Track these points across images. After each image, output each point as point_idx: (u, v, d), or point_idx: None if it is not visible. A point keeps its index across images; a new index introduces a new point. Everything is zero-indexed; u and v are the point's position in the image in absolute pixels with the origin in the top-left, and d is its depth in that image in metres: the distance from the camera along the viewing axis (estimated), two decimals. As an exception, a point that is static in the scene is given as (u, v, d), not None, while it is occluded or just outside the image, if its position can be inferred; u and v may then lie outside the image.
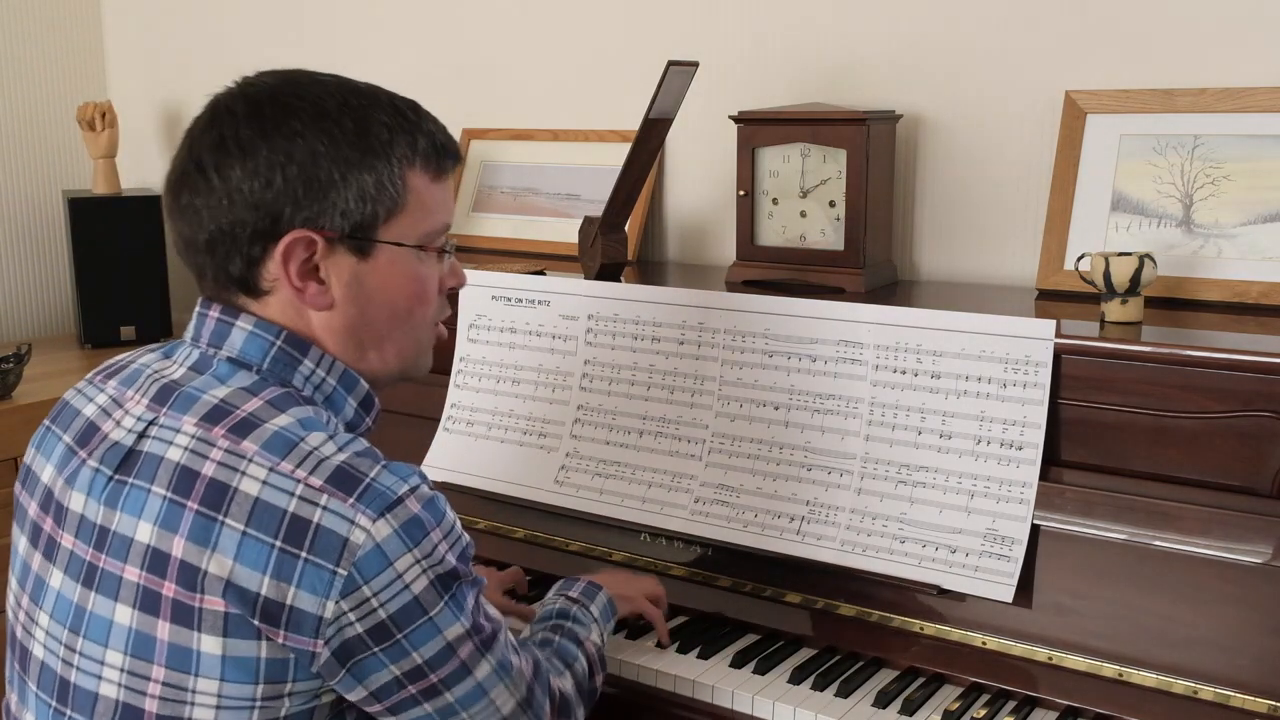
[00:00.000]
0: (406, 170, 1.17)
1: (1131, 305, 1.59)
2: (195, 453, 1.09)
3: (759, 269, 1.95)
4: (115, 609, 1.09)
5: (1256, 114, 1.69)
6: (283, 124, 1.13)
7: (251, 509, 1.05)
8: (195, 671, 1.06)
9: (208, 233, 1.14)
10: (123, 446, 1.13)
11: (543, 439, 1.87)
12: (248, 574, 1.04)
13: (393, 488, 1.07)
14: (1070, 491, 1.49)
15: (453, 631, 1.11)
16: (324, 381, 1.19)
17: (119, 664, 1.09)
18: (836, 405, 1.65)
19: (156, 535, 1.07)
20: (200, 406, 1.12)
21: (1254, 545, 1.37)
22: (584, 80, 2.39)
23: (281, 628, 1.04)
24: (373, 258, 1.17)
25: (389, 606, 1.06)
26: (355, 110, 1.16)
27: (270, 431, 1.09)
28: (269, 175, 1.12)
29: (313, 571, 1.04)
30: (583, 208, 2.29)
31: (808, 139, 1.89)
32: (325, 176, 1.12)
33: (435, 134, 1.21)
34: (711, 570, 1.68)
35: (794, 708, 1.44)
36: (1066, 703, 1.42)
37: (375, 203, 1.15)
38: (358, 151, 1.14)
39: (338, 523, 1.05)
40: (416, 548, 1.07)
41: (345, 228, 1.14)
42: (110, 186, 2.93)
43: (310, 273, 1.15)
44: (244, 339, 1.16)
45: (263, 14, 2.88)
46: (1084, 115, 1.82)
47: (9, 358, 2.45)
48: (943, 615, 1.52)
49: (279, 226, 1.12)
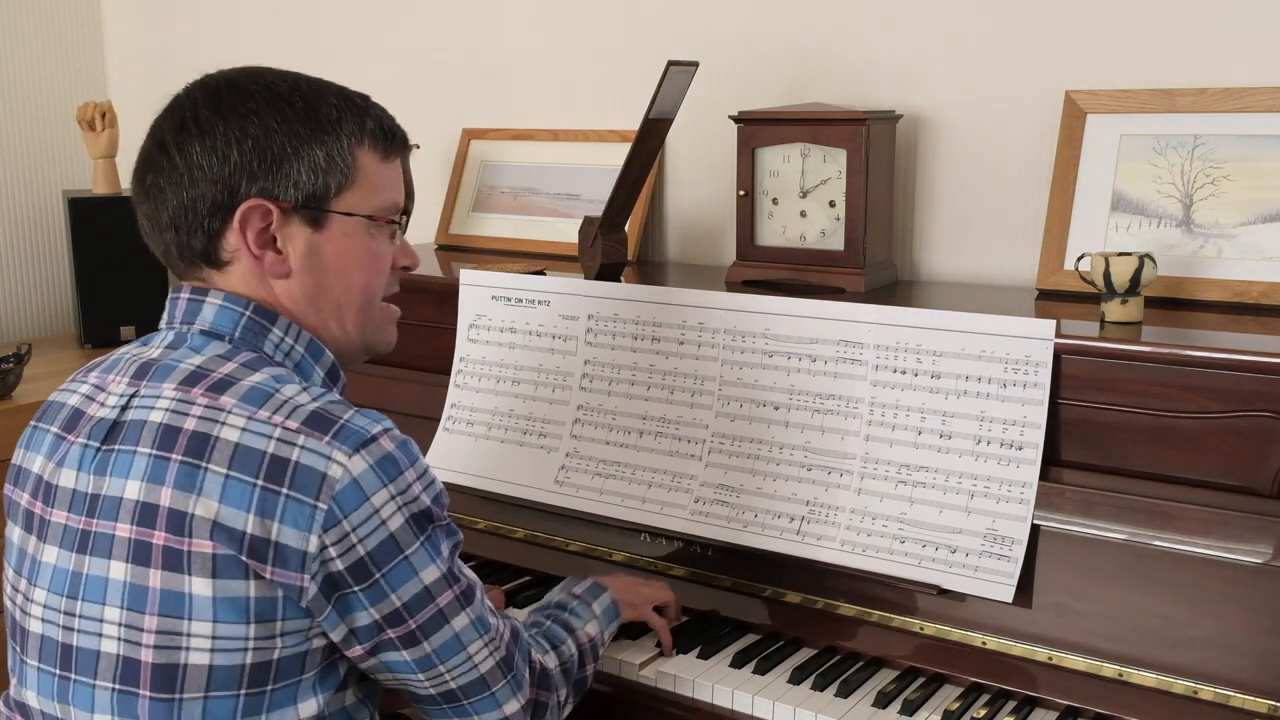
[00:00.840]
0: (355, 147, 1.24)
1: (1131, 305, 1.59)
2: (176, 412, 1.14)
3: (759, 269, 1.95)
4: (110, 566, 1.13)
5: (1256, 114, 1.69)
6: (238, 104, 1.21)
7: (233, 453, 1.10)
8: (188, 615, 1.09)
9: (170, 210, 1.21)
10: (107, 420, 1.18)
11: (543, 439, 1.87)
12: (233, 514, 1.09)
13: (366, 427, 1.13)
14: (1070, 491, 1.49)
15: (429, 574, 1.15)
16: (292, 349, 1.25)
17: (116, 619, 1.12)
18: (836, 405, 1.65)
19: (144, 490, 1.12)
20: (178, 374, 1.18)
21: (1254, 545, 1.37)
22: (584, 80, 2.39)
23: (269, 563, 1.09)
24: (326, 229, 1.24)
25: (367, 542, 1.11)
26: (306, 93, 1.24)
27: (247, 386, 1.15)
28: (226, 150, 1.19)
29: (294, 506, 1.09)
30: (583, 208, 2.29)
31: (808, 139, 1.89)
32: (278, 150, 1.20)
33: (382, 118, 1.28)
34: (711, 570, 1.68)
35: (794, 708, 1.44)
36: (1066, 703, 1.42)
37: (326, 175, 1.22)
38: (308, 127, 1.21)
39: (315, 459, 1.10)
40: (392, 483, 1.12)
41: (298, 198, 1.21)
42: (110, 186, 2.93)
43: (267, 242, 1.22)
44: (215, 312, 1.23)
45: (263, 14, 2.88)
46: (1084, 115, 1.82)
47: (9, 358, 2.45)
48: (943, 615, 1.52)
49: (236, 198, 1.19)
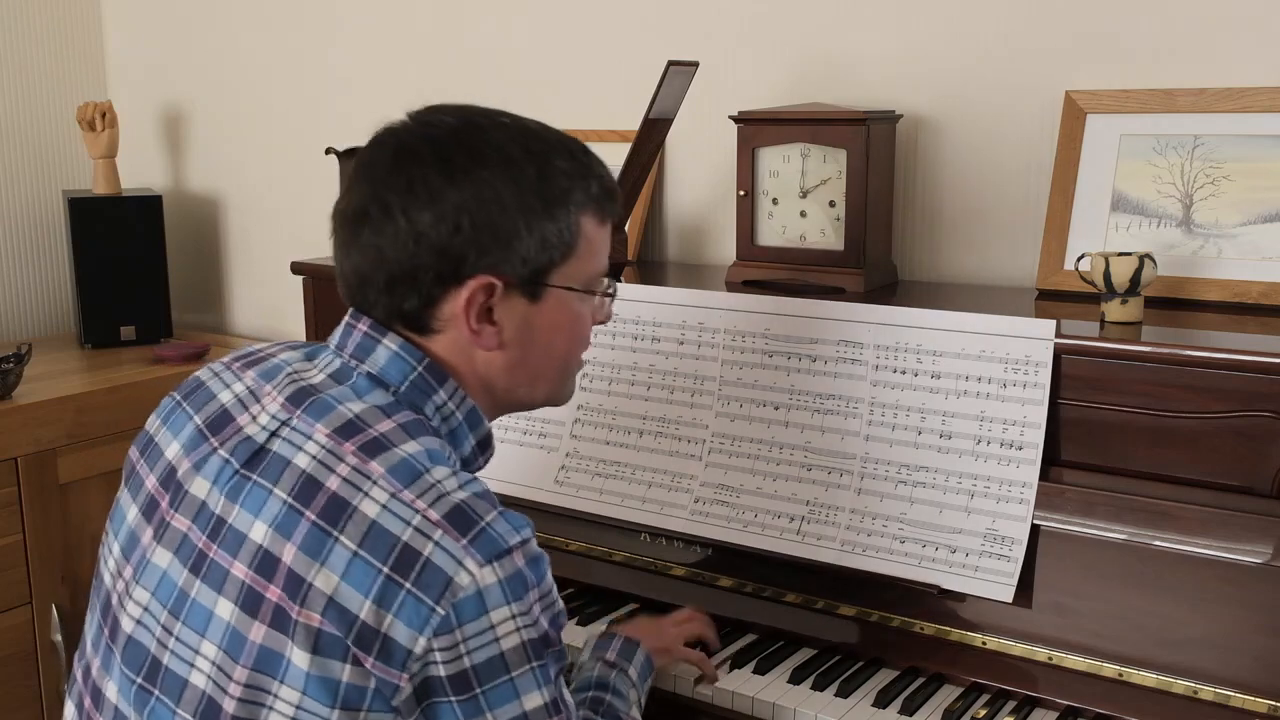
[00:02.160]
0: (580, 214, 1.21)
1: (1131, 305, 1.59)
2: (322, 463, 1.10)
3: (759, 269, 1.95)
4: (218, 601, 1.09)
5: (1256, 114, 1.69)
6: (471, 171, 1.16)
7: (367, 530, 1.06)
8: (280, 678, 1.06)
9: (388, 272, 1.17)
10: (254, 442, 1.14)
11: (543, 439, 1.87)
12: (351, 595, 1.04)
13: (505, 536, 1.08)
14: (1070, 491, 1.49)
15: (531, 700, 1.10)
16: (452, 415, 1.21)
17: (212, 656, 1.09)
18: (836, 405, 1.65)
19: (270, 537, 1.08)
20: (334, 417, 1.13)
21: (1254, 545, 1.37)
22: (584, 80, 2.39)
23: (372, 654, 1.04)
24: (542, 301, 1.21)
25: (475, 655, 1.06)
26: (537, 157, 1.19)
27: (398, 457, 1.10)
28: (457, 220, 1.14)
29: (413, 604, 1.04)
30: (583, 208, 2.29)
31: (808, 139, 1.89)
32: (510, 224, 1.16)
33: (604, 178, 1.24)
34: (711, 570, 1.68)
35: (794, 708, 1.44)
36: (1066, 703, 1.43)
37: (553, 249, 1.19)
38: (541, 200, 1.17)
39: (446, 560, 1.05)
40: (515, 603, 1.07)
41: (523, 274, 1.18)
42: (110, 186, 2.93)
43: (486, 316, 1.18)
44: (388, 358, 1.19)
45: (263, 15, 2.88)
46: (1084, 115, 1.82)
47: (9, 358, 2.45)
48: (943, 615, 1.52)
49: (461, 270, 1.16)
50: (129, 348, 2.87)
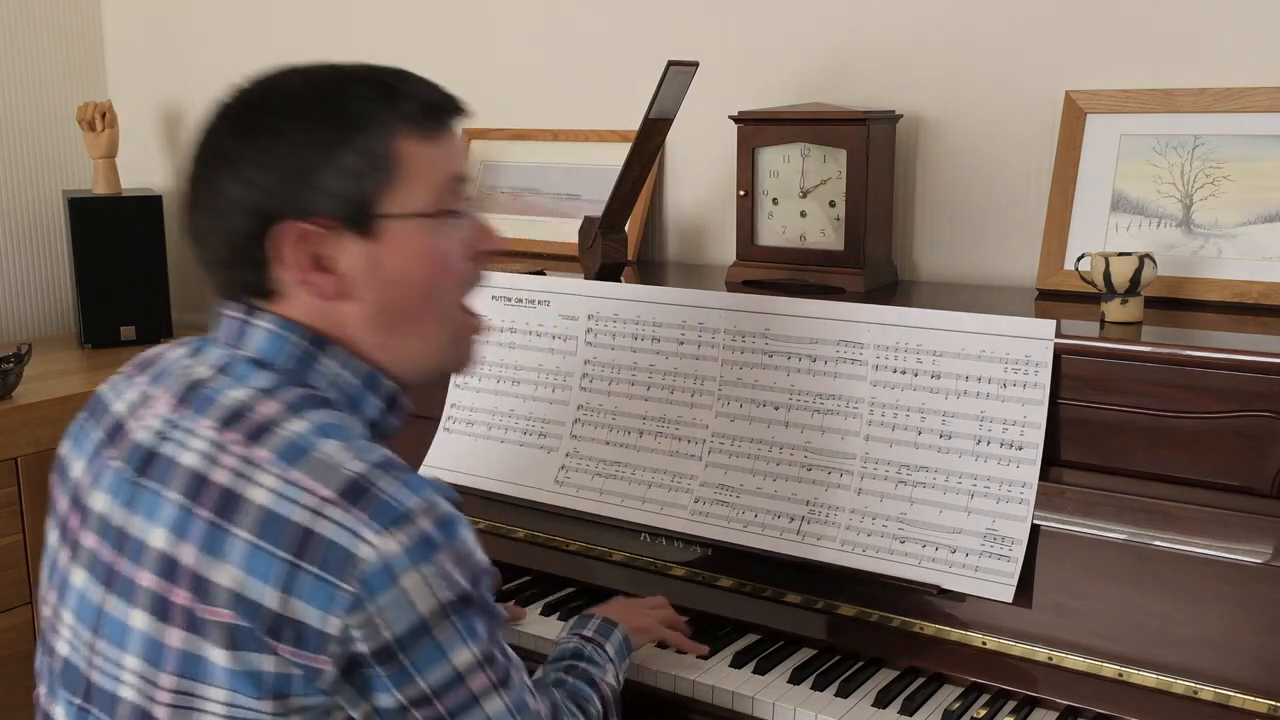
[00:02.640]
0: (391, 137, 1.12)
1: (1131, 305, 1.59)
2: (208, 458, 1.08)
3: (759, 269, 1.95)
4: (130, 613, 1.09)
5: (1256, 114, 1.69)
6: (261, 124, 1.12)
7: (261, 519, 1.04)
8: (205, 680, 1.05)
9: (215, 248, 1.14)
10: (144, 448, 1.12)
11: (543, 439, 1.87)
12: (256, 585, 1.03)
13: (403, 501, 1.04)
14: (1070, 491, 1.49)
15: (460, 658, 1.07)
16: (347, 382, 1.16)
17: (135, 668, 1.08)
18: (836, 405, 1.65)
19: (169, 541, 1.07)
20: (217, 409, 1.11)
21: (1254, 545, 1.37)
22: (584, 80, 2.39)
23: (285, 642, 1.02)
24: (382, 237, 1.12)
25: (395, 627, 1.03)
26: (328, 91, 1.13)
27: (284, 439, 1.07)
28: (251, 176, 1.10)
29: (317, 585, 1.02)
30: (583, 208, 2.29)
31: (808, 139, 1.89)
32: (302, 164, 1.10)
33: (421, 92, 1.16)
34: (711, 570, 1.68)
35: (794, 708, 1.44)
36: (1066, 703, 1.42)
37: (363, 178, 1.11)
38: (334, 131, 1.10)
39: (344, 536, 1.02)
40: (425, 565, 1.04)
41: (337, 210, 1.10)
42: (110, 186, 2.93)
43: (315, 265, 1.12)
44: (263, 338, 1.15)
45: (262, 14, 2.88)
46: (1084, 115, 1.82)
47: (9, 358, 2.45)
48: (943, 615, 1.52)
49: (269, 224, 1.10)
50: (129, 348, 2.86)
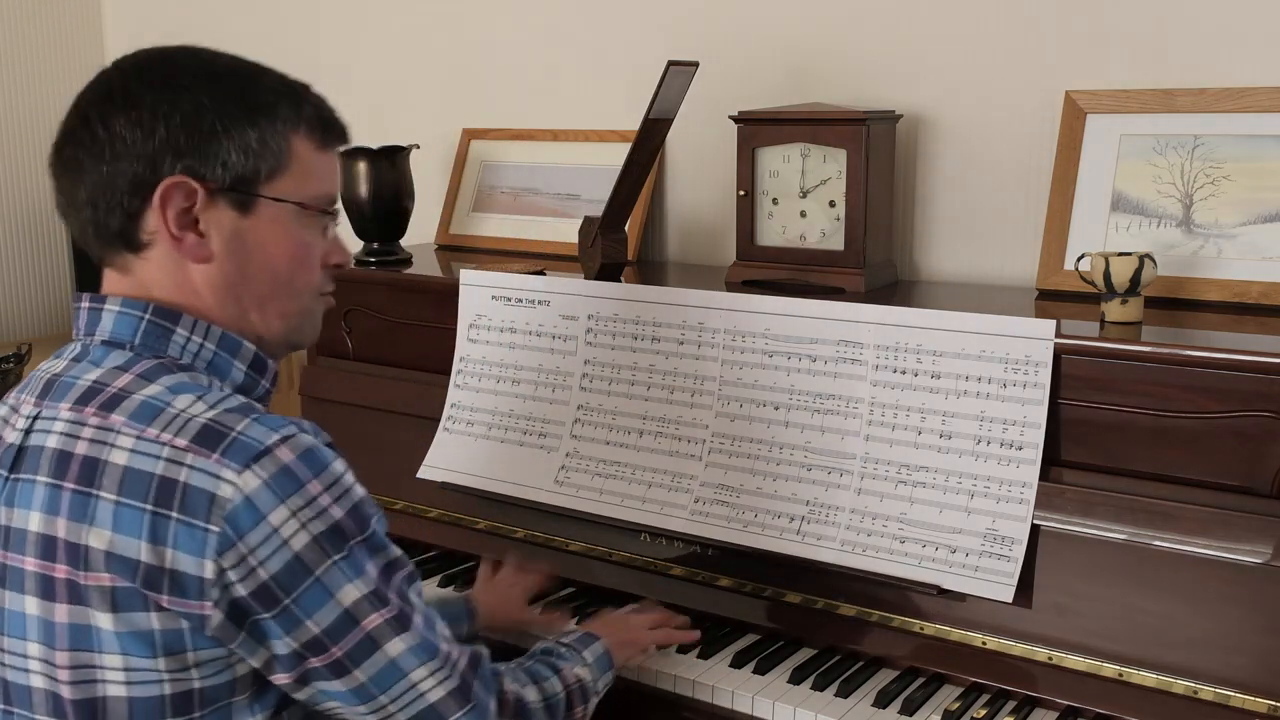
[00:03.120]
0: (290, 132, 1.18)
1: (1131, 305, 1.59)
2: (68, 435, 1.10)
3: (759, 269, 1.95)
4: (25, 601, 1.11)
5: (1256, 114, 1.69)
6: (170, 78, 1.14)
7: (122, 478, 1.06)
8: (97, 648, 1.06)
9: (88, 185, 1.14)
10: (14, 446, 1.15)
11: (543, 439, 1.87)
12: (126, 542, 1.04)
13: (260, 438, 1.06)
14: (1070, 491, 1.49)
15: (347, 595, 1.08)
16: (202, 347, 1.18)
17: (37, 654, 1.10)
18: (836, 405, 1.65)
19: (42, 521, 1.09)
20: (74, 391, 1.13)
21: (1254, 545, 1.37)
22: (584, 80, 2.39)
23: (164, 593, 1.04)
24: (254, 215, 1.17)
25: (269, 565, 1.04)
26: (244, 74, 1.18)
27: (138, 402, 1.10)
28: (152, 124, 1.12)
29: (185, 531, 1.03)
30: (583, 208, 2.29)
31: (808, 139, 1.89)
32: (208, 127, 1.13)
33: (321, 107, 1.22)
34: (711, 570, 1.68)
35: (794, 708, 1.44)
36: (1066, 703, 1.43)
37: (258, 158, 1.15)
38: (242, 108, 1.15)
39: (204, 479, 1.04)
40: (290, 498, 1.05)
41: (226, 179, 1.14)
42: (110, 186, 2.93)
43: (189, 224, 1.15)
44: (114, 320, 1.17)
45: (262, 14, 2.88)
46: (1084, 115, 1.82)
47: (9, 358, 2.45)
48: (943, 615, 1.52)
49: (158, 175, 1.12)
50: (129, 348, 2.86)
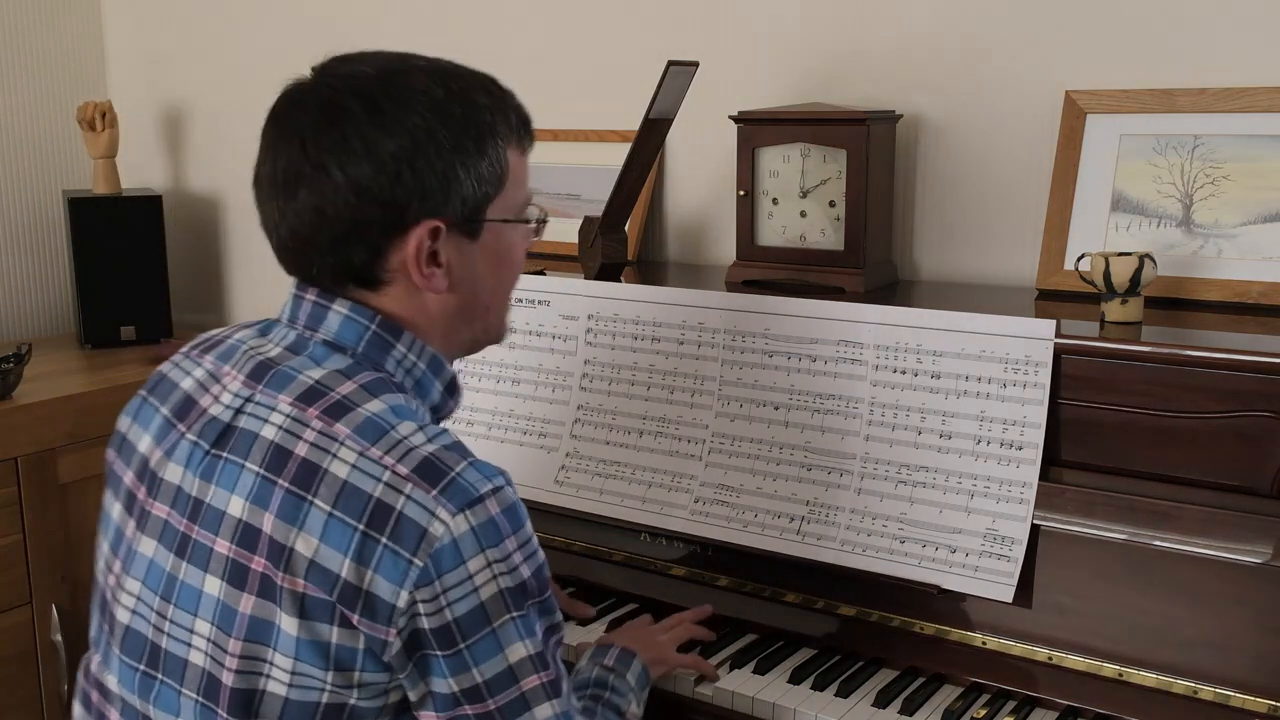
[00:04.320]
0: (506, 147, 1.21)
1: (1131, 305, 1.59)
2: (289, 432, 1.11)
3: (759, 269, 1.95)
4: (205, 579, 1.11)
5: (1256, 114, 1.69)
6: (402, 118, 1.15)
7: (339, 491, 1.07)
8: (273, 645, 1.08)
9: (331, 231, 1.16)
10: (220, 422, 1.16)
11: (543, 439, 1.87)
12: (331, 555, 1.06)
13: (476, 485, 1.09)
14: (1070, 491, 1.49)
15: (515, 653, 1.10)
16: (414, 366, 1.21)
17: (206, 633, 1.11)
18: (836, 405, 1.65)
19: (248, 510, 1.10)
20: (296, 386, 1.14)
21: (1254, 545, 1.37)
22: (584, 80, 2.39)
23: (357, 612, 1.06)
24: (482, 237, 1.21)
25: (457, 607, 1.06)
26: (460, 95, 1.19)
27: (363, 416, 1.11)
28: (396, 170, 1.14)
29: (391, 558, 1.05)
30: (583, 208, 2.29)
31: (808, 139, 1.89)
32: (447, 167, 1.16)
33: (520, 108, 1.25)
34: (711, 570, 1.68)
35: (794, 708, 1.44)
36: (1066, 703, 1.43)
37: (487, 184, 1.19)
38: (472, 139, 1.17)
39: (419, 513, 1.06)
40: (491, 550, 1.08)
41: (463, 213, 1.18)
42: (110, 186, 2.93)
43: (431, 259, 1.18)
44: (340, 322, 1.19)
45: (262, 14, 2.88)
46: (1084, 115, 1.82)
47: (9, 358, 2.45)
48: (943, 615, 1.52)
49: (406, 218, 1.15)
50: (129, 348, 2.86)
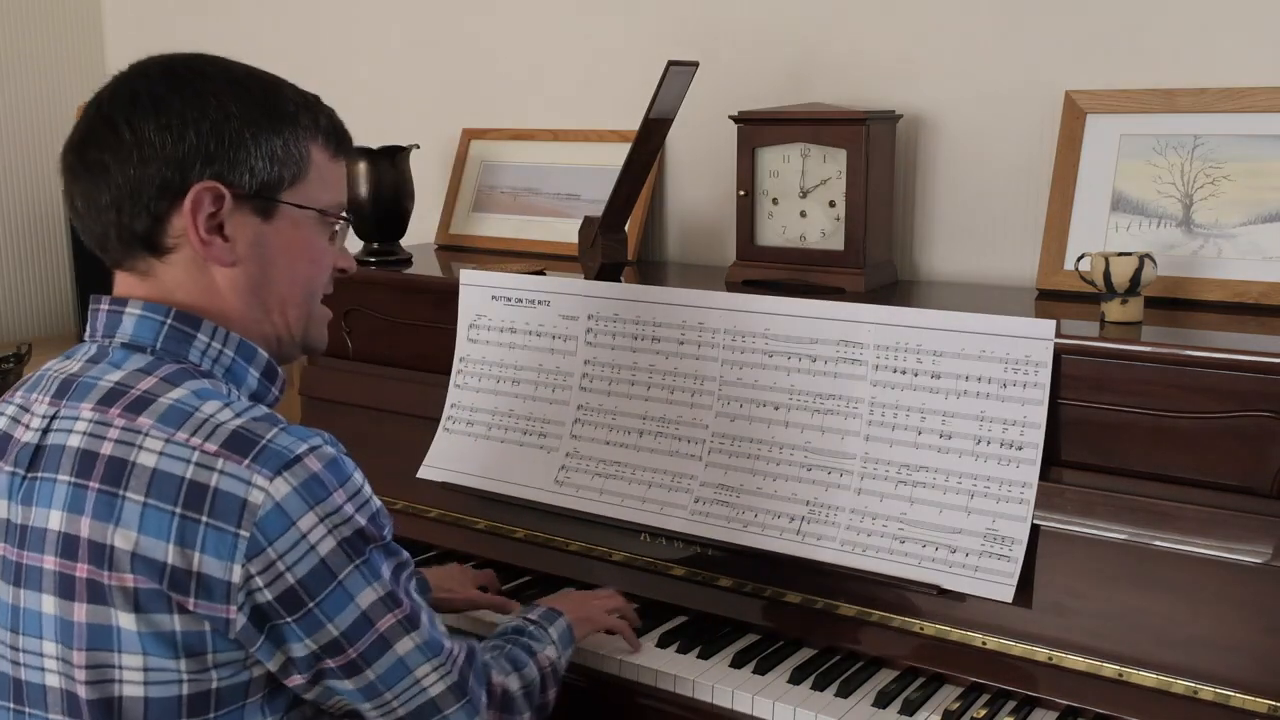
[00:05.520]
0: (309, 141, 1.22)
1: (1131, 305, 1.59)
2: (93, 435, 1.11)
3: (759, 269, 1.95)
4: (41, 599, 1.11)
5: (1256, 114, 1.69)
6: (197, 83, 1.17)
7: (150, 480, 1.07)
8: (117, 648, 1.07)
9: (113, 188, 1.16)
10: (30, 445, 1.15)
11: (543, 439, 1.87)
12: (152, 544, 1.05)
13: (290, 447, 1.09)
14: (1070, 491, 1.49)
15: (365, 598, 1.11)
16: (221, 354, 1.20)
17: (54, 653, 1.10)
18: (836, 405, 1.65)
19: (65, 520, 1.09)
20: (96, 392, 1.14)
21: (1254, 545, 1.37)
22: (584, 80, 2.39)
23: (192, 595, 1.05)
24: (275, 220, 1.21)
25: (296, 570, 1.07)
26: (263, 81, 1.22)
27: (165, 405, 1.11)
28: (181, 129, 1.14)
29: (215, 535, 1.05)
30: (583, 208, 2.29)
31: (808, 139, 1.89)
32: (236, 135, 1.16)
33: (333, 117, 1.27)
34: (711, 570, 1.68)
35: (794, 708, 1.44)
36: (1066, 703, 1.42)
37: (282, 166, 1.19)
38: (267, 116, 1.18)
39: (235, 485, 1.06)
40: (319, 505, 1.08)
41: (252, 186, 1.18)
42: (110, 186, 2.93)
43: (215, 229, 1.17)
44: (135, 323, 1.18)
45: (262, 15, 2.88)
46: (1084, 115, 1.82)
47: (9, 358, 2.45)
48: (943, 615, 1.52)
49: (187, 180, 1.15)
50: (129, 348, 2.86)
